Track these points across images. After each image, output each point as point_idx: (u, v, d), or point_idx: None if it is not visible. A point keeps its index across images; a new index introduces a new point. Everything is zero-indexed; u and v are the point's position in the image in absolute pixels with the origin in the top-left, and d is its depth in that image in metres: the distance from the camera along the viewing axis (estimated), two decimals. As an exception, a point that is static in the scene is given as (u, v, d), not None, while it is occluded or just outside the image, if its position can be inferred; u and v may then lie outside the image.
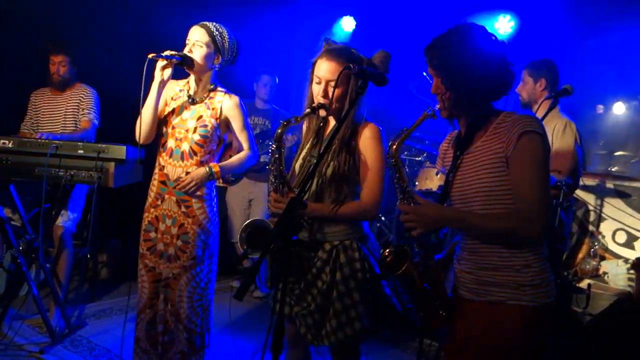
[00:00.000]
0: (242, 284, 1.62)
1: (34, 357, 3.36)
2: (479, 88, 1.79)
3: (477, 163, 1.83)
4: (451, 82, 1.80)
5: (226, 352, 3.55)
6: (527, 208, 1.70)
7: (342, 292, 2.24)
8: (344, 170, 2.25)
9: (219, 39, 2.74)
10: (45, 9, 4.48)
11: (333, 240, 2.29)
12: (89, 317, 4.09)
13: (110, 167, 3.20)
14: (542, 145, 1.74)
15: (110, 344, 3.64)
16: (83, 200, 4.03)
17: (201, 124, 2.75)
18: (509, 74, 1.83)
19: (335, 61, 2.24)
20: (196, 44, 2.71)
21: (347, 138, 2.27)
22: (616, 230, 5.37)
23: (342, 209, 2.25)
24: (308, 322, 2.28)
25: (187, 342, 2.81)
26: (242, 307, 4.46)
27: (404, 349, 3.89)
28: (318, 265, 2.29)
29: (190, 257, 2.78)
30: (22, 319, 3.55)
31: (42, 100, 4.06)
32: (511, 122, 1.77)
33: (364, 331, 2.23)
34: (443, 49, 1.80)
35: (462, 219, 1.82)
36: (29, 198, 3.82)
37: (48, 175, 3.20)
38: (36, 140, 3.29)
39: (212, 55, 2.75)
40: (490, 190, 1.78)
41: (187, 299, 2.79)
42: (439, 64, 1.82)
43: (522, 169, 1.72)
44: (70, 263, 3.94)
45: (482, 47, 1.79)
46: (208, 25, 2.74)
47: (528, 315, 1.77)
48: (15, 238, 3.54)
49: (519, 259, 1.78)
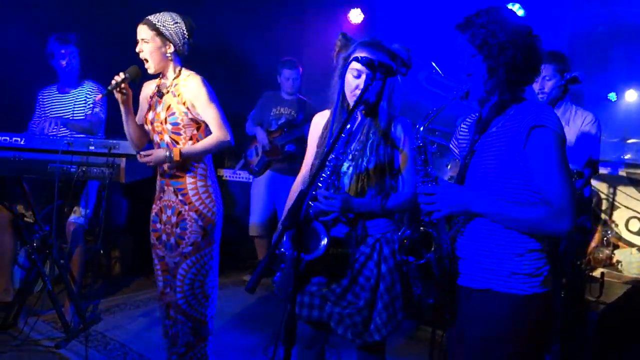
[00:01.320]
0: (255, 277, 1.62)
1: (49, 352, 3.40)
2: (519, 69, 1.76)
3: (492, 148, 1.81)
4: (493, 63, 1.77)
5: (237, 347, 3.56)
6: (554, 201, 1.69)
7: (389, 284, 2.25)
8: (384, 165, 2.27)
9: (163, 29, 2.70)
10: (49, 4, 4.50)
11: (375, 234, 2.30)
12: (102, 312, 4.12)
13: (121, 162, 3.22)
14: (556, 139, 1.71)
15: (124, 338, 3.66)
16: (94, 196, 4.05)
17: (169, 113, 2.76)
18: (540, 58, 1.82)
19: (378, 53, 2.20)
20: (142, 42, 2.71)
21: (385, 132, 2.27)
22: (629, 218, 5.33)
23: (389, 202, 2.27)
24: (354, 320, 2.25)
25: (191, 331, 2.82)
26: (254, 301, 4.48)
27: (417, 340, 3.88)
28: (361, 261, 2.28)
29: (189, 243, 2.78)
30: (37, 315, 3.59)
31: (50, 98, 4.07)
32: (525, 112, 1.76)
33: (399, 324, 2.26)
34: (482, 28, 1.77)
35: (488, 203, 1.76)
36: (41, 195, 3.85)
37: (60, 171, 3.23)
38: (48, 137, 3.31)
39: (161, 47, 2.72)
40: (499, 177, 1.77)
41: (188, 286, 2.79)
42: (479, 43, 1.77)
43: (542, 162, 1.71)
44: (83, 259, 3.98)
45: (521, 29, 1.77)
46: (149, 19, 2.72)
47: (517, 303, 1.75)
48: (29, 234, 3.57)
49: (515, 247, 1.76)
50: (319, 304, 2.32)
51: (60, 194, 3.50)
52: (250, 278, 1.62)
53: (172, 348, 2.88)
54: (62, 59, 3.93)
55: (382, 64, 2.08)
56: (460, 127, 2.10)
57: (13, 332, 3.58)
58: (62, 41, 3.91)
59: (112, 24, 4.64)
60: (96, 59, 4.15)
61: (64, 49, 3.91)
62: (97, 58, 4.18)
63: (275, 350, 1.90)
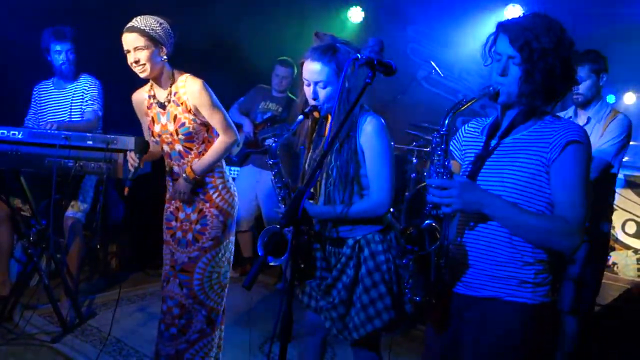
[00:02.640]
0: (252, 274, 1.62)
1: (45, 346, 3.40)
2: (556, 77, 1.73)
3: (513, 154, 1.78)
4: (532, 65, 1.72)
5: (234, 343, 3.56)
6: (570, 218, 1.68)
7: (368, 285, 2.26)
8: (348, 170, 2.24)
9: (152, 32, 2.64)
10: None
11: (356, 235, 2.31)
12: (99, 307, 4.12)
13: (119, 158, 3.22)
14: (587, 157, 1.72)
15: (120, 333, 3.66)
16: (92, 190, 4.05)
17: (179, 124, 2.75)
18: (575, 71, 1.79)
19: (320, 61, 2.21)
20: (137, 51, 2.62)
21: (347, 135, 2.24)
22: (626, 220, 5.35)
23: (352, 210, 2.25)
24: (333, 315, 2.32)
25: (205, 320, 2.85)
26: (249, 297, 4.48)
27: (419, 342, 3.90)
28: (343, 261, 2.31)
29: (209, 238, 2.82)
30: (33, 309, 3.59)
31: (46, 93, 4.03)
32: (559, 126, 1.74)
33: (391, 323, 2.25)
34: (527, 30, 1.72)
35: (502, 207, 1.72)
36: (38, 189, 3.84)
37: (58, 166, 3.22)
38: (46, 132, 3.31)
39: (156, 51, 2.67)
40: (517, 185, 1.75)
41: (207, 278, 2.83)
42: (522, 44, 1.72)
43: (568, 178, 1.70)
44: (80, 254, 3.97)
45: (565, 39, 1.74)
46: (135, 27, 2.63)
47: (528, 313, 1.74)
48: (26, 228, 3.57)
49: (526, 256, 1.74)
50: (315, 295, 2.41)
51: (57, 188, 3.50)
52: (247, 275, 1.62)
53: (181, 337, 2.86)
54: (58, 54, 3.89)
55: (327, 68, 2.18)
56: (465, 128, 2.04)
57: (8, 326, 3.58)
58: (58, 36, 3.86)
59: (108, 16, 4.62)
60: (92, 52, 4.12)
61: (60, 44, 3.87)
62: (93, 51, 4.15)
63: (272, 347, 1.90)
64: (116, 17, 3.52)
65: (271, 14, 5.69)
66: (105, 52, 4.24)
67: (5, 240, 3.81)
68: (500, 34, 1.78)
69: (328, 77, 2.21)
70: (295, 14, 5.88)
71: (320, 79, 2.21)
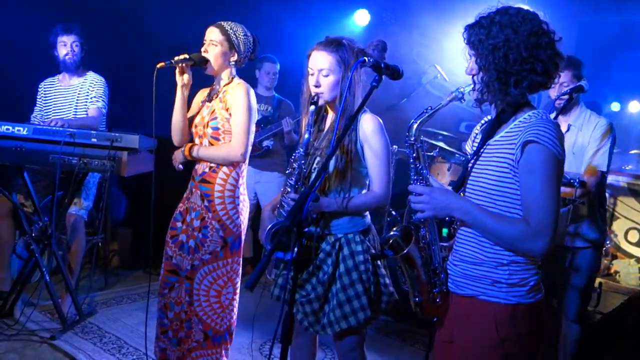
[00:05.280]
0: (254, 275, 1.62)
1: (45, 342, 3.40)
2: (513, 73, 1.70)
3: (490, 157, 1.78)
4: (485, 62, 1.72)
5: (233, 344, 3.55)
6: (532, 221, 1.65)
7: (346, 284, 2.29)
8: (343, 164, 2.29)
9: (233, 36, 2.80)
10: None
11: (337, 233, 2.34)
12: (99, 305, 4.12)
13: (123, 156, 3.22)
14: (547, 157, 1.65)
15: (119, 331, 3.67)
16: (95, 188, 4.05)
17: (212, 117, 2.80)
18: (553, 66, 1.73)
19: (325, 50, 2.30)
20: (211, 44, 2.79)
21: (345, 130, 2.25)
22: (629, 229, 5.32)
23: (353, 201, 2.30)
24: (306, 309, 2.35)
25: (203, 335, 2.83)
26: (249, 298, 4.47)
27: (413, 342, 3.89)
28: (321, 257, 2.34)
29: (207, 251, 2.79)
30: (34, 305, 3.58)
31: (52, 90, 4.04)
32: (526, 125, 1.70)
33: (367, 321, 2.30)
34: (482, 28, 1.73)
35: (469, 211, 1.74)
36: (42, 185, 3.85)
37: (62, 163, 3.23)
38: (51, 128, 3.31)
39: (227, 53, 2.81)
40: (493, 188, 1.75)
41: (204, 292, 2.80)
42: (475, 42, 1.74)
43: (529, 180, 1.67)
44: (82, 251, 3.98)
45: (523, 29, 1.69)
46: (222, 25, 2.81)
47: (500, 312, 1.73)
48: (28, 224, 3.57)
49: (501, 257, 1.74)
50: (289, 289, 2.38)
51: (61, 185, 3.50)
52: (250, 276, 1.63)
53: (183, 345, 2.86)
54: (63, 45, 3.89)
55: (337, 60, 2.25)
56: (476, 129, 2.06)
57: (9, 322, 3.58)
58: (65, 31, 3.88)
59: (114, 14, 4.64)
60: (99, 50, 4.13)
61: (66, 36, 3.88)
62: (100, 49, 4.16)
63: (272, 348, 1.90)
64: (123, 17, 3.58)
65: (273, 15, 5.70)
66: (112, 51, 4.26)
67: (7, 236, 3.81)
68: (465, 34, 1.80)
69: (331, 65, 2.29)
70: (300, 17, 5.89)
71: (323, 67, 2.30)
